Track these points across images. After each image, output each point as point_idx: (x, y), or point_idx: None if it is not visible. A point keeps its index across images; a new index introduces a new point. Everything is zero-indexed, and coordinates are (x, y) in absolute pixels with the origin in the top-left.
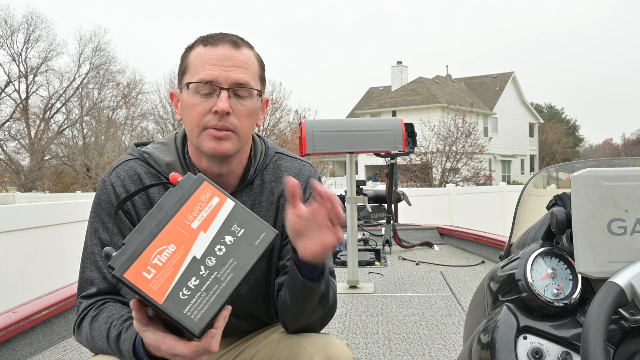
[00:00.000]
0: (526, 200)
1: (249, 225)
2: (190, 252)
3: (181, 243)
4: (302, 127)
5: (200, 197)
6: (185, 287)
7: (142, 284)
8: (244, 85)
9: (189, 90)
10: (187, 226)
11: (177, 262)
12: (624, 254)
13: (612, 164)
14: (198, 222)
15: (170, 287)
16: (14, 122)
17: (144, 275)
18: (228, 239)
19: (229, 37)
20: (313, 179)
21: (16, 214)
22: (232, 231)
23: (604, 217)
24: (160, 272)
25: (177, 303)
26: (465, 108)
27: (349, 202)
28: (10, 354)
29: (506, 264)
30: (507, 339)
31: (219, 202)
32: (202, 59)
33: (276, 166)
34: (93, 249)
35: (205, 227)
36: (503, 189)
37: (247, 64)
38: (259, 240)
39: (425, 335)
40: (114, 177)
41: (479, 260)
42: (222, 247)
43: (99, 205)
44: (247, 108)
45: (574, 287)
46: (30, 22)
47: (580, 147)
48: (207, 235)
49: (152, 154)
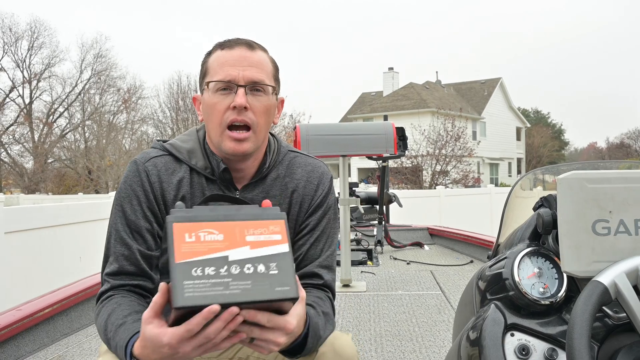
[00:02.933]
0: (513, 201)
1: (283, 273)
2: (228, 251)
3: (228, 240)
4: (296, 131)
5: (269, 226)
6: (201, 267)
7: (177, 239)
8: (259, 82)
9: (209, 90)
10: (243, 234)
11: (213, 247)
12: (607, 253)
13: (596, 166)
14: (252, 238)
15: (192, 258)
16: (18, 126)
17: (184, 235)
18: (260, 267)
19: (244, 40)
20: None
21: (20, 215)
22: (268, 265)
23: (589, 218)
24: (196, 244)
25: (185, 272)
26: (455, 113)
27: (342, 204)
28: (15, 351)
29: (494, 263)
30: (494, 336)
31: (279, 240)
32: (220, 61)
33: (291, 163)
34: (118, 226)
35: (253, 246)
36: (491, 191)
37: (261, 64)
38: (279, 288)
39: (415, 332)
40: (150, 165)
41: (467, 259)
42: (251, 269)
43: (130, 187)
44: (263, 104)
45: (559, 286)
46: (33, 30)
47: (566, 150)
48: (250, 252)
49: (174, 143)
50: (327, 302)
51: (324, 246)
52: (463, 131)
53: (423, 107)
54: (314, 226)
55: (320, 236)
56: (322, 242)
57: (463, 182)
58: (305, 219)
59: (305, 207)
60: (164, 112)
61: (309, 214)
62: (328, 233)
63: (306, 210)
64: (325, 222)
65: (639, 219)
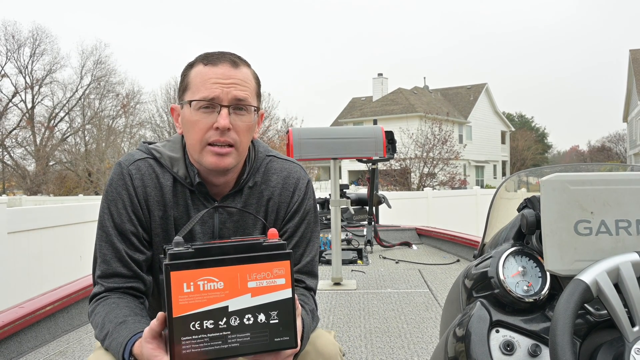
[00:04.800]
0: (498, 203)
1: (283, 323)
2: (228, 301)
3: (228, 288)
4: (289, 134)
5: (274, 269)
6: (199, 321)
7: (175, 291)
8: (243, 101)
9: (191, 108)
10: (245, 281)
11: (212, 298)
12: (589, 253)
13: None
14: (254, 284)
15: (191, 312)
16: (21, 130)
17: (182, 286)
18: (260, 317)
19: (228, 56)
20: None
21: (23, 216)
22: (269, 314)
23: (571, 219)
24: (195, 295)
25: (184, 327)
26: (442, 117)
27: (333, 205)
28: (17, 347)
29: (480, 262)
30: (480, 333)
31: (283, 285)
32: (203, 78)
33: (267, 169)
34: (106, 229)
35: (255, 293)
36: (477, 193)
37: (245, 82)
38: (278, 339)
39: (404, 329)
40: (133, 168)
41: (454, 259)
42: (251, 319)
43: (115, 190)
44: (246, 123)
45: (542, 284)
46: (35, 37)
47: (549, 153)
48: (250, 301)
49: (159, 149)
50: (311, 298)
51: (304, 252)
52: (450, 135)
53: (411, 112)
54: (292, 232)
55: (300, 242)
56: (302, 248)
57: (450, 184)
58: (282, 225)
59: (282, 214)
60: (162, 116)
61: (286, 221)
62: (308, 238)
63: (283, 217)
64: (304, 228)
65: (619, 219)
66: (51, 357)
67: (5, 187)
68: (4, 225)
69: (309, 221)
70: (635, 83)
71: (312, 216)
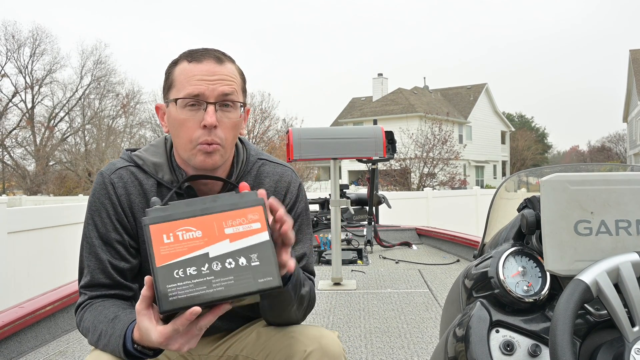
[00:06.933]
0: (498, 203)
1: (265, 263)
2: (208, 248)
3: (207, 236)
4: (289, 134)
5: (248, 214)
6: (182, 269)
7: (156, 242)
8: (230, 96)
9: (177, 106)
10: (222, 227)
11: (192, 246)
12: (589, 253)
13: (578, 169)
14: (231, 230)
15: (173, 260)
16: (21, 130)
17: (162, 237)
18: (241, 260)
19: (212, 52)
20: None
21: (23, 216)
22: (249, 257)
23: (571, 219)
24: (175, 244)
25: (167, 275)
26: (442, 117)
27: (333, 205)
28: (17, 346)
29: (480, 262)
30: (480, 333)
31: (259, 228)
32: (187, 75)
33: (259, 172)
34: (90, 240)
35: (233, 239)
36: (477, 193)
37: (230, 77)
38: (262, 279)
39: (404, 329)
40: (115, 177)
41: (454, 259)
42: (232, 263)
43: (98, 200)
44: (232, 120)
45: (542, 284)
46: (35, 37)
47: (549, 153)
48: (229, 246)
49: (141, 155)
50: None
51: (299, 253)
52: (450, 135)
53: (411, 112)
54: None
55: (294, 244)
56: (297, 250)
57: (450, 184)
58: None
59: None
60: None
61: None
62: (301, 240)
63: None
64: (296, 229)
65: (619, 219)
66: (51, 357)
67: (5, 187)
68: (4, 225)
69: (301, 223)
70: (635, 83)
71: (304, 218)
